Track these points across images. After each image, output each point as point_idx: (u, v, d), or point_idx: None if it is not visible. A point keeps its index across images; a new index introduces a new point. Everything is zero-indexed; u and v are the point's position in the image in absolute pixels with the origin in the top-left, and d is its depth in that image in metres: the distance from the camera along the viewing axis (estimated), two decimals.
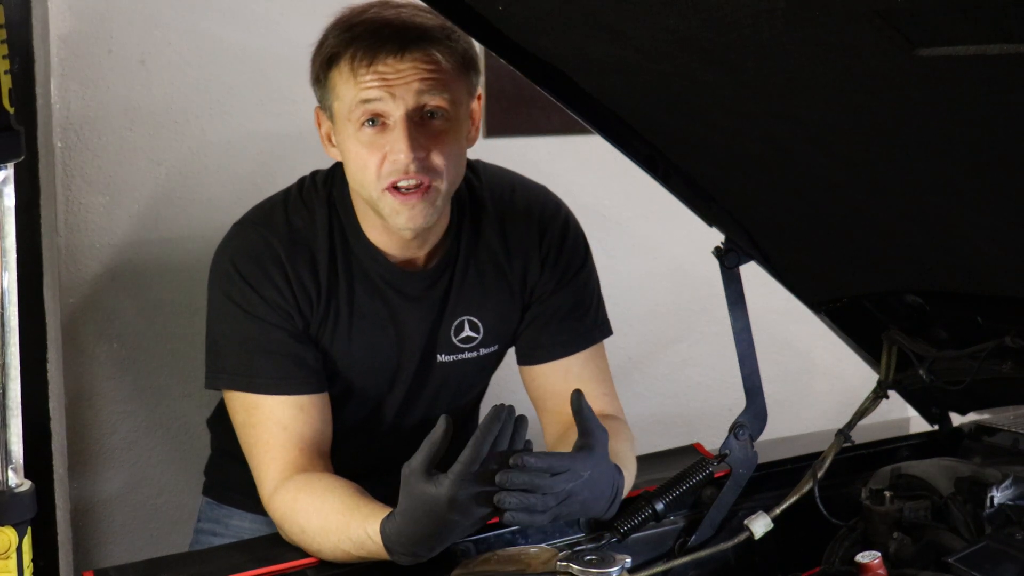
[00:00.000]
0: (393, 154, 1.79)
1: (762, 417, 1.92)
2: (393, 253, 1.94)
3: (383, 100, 1.78)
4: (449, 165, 1.83)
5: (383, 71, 1.78)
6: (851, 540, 1.93)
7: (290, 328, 1.89)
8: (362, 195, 1.87)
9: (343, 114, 1.83)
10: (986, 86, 1.22)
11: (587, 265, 2.07)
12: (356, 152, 1.83)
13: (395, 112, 1.79)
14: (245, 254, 1.90)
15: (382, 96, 1.78)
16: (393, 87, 1.78)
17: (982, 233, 1.63)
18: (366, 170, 1.82)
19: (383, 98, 1.78)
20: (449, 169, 1.83)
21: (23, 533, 1.42)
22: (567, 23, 1.46)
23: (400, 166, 1.79)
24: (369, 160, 1.81)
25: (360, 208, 1.92)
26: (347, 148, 1.85)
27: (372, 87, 1.78)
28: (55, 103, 2.53)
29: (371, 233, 1.93)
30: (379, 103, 1.79)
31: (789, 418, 3.23)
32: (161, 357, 2.72)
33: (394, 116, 1.79)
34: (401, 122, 1.79)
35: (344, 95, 1.81)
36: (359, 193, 1.88)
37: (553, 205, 2.06)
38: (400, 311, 1.96)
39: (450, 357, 2.02)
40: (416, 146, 1.79)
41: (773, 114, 1.49)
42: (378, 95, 1.78)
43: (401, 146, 1.78)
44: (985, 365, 1.85)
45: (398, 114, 1.79)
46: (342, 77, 1.81)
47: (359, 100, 1.79)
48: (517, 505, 1.58)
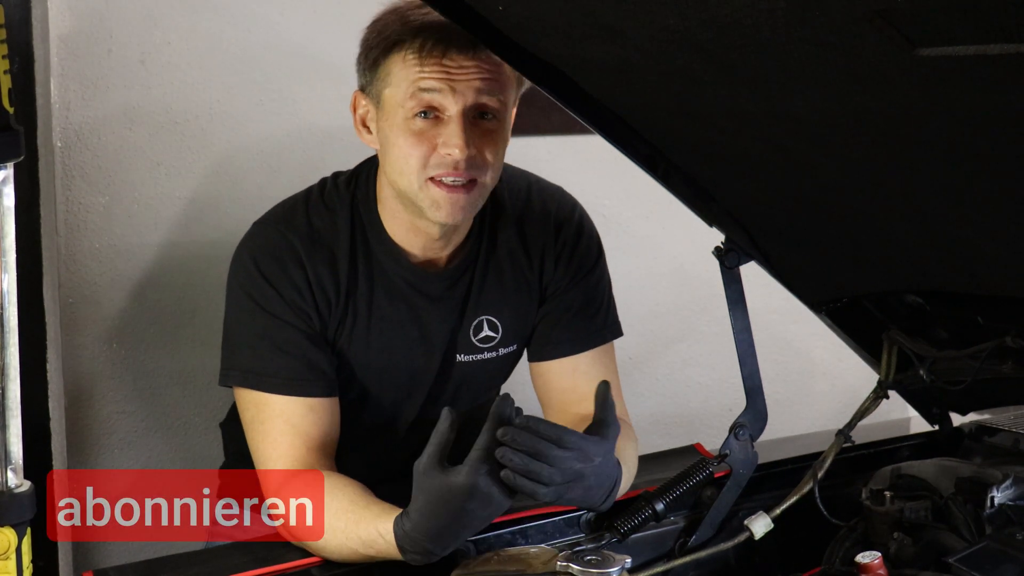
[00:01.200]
0: (446, 147, 1.79)
1: (762, 417, 1.92)
2: (415, 253, 1.94)
3: (442, 93, 1.78)
4: (496, 163, 1.85)
5: (449, 65, 1.78)
6: (851, 540, 1.93)
7: (307, 328, 1.89)
8: (399, 184, 1.85)
9: (395, 101, 1.82)
10: (986, 86, 1.22)
11: (600, 265, 2.08)
12: (404, 140, 1.82)
13: (452, 107, 1.79)
14: (266, 252, 1.90)
15: (442, 88, 1.78)
16: (455, 82, 1.78)
17: (982, 233, 1.63)
18: (409, 159, 1.81)
19: (443, 90, 1.78)
20: (495, 168, 1.85)
21: (23, 533, 1.42)
22: (567, 23, 1.46)
23: (451, 161, 1.80)
24: (415, 150, 1.81)
25: (387, 206, 1.92)
26: (392, 136, 1.84)
27: (434, 78, 1.78)
28: (55, 103, 2.53)
29: (395, 232, 1.93)
30: (437, 95, 1.79)
31: (789, 418, 3.23)
32: (161, 357, 2.72)
33: (450, 111, 1.79)
34: (457, 118, 1.79)
35: (401, 82, 1.81)
36: (395, 183, 1.86)
37: (569, 205, 2.08)
38: (422, 311, 1.97)
39: (470, 357, 2.03)
40: (470, 143, 1.79)
41: (773, 114, 1.49)
42: (438, 87, 1.78)
43: (457, 141, 1.78)
44: (985, 365, 1.85)
45: (455, 109, 1.79)
46: (404, 64, 1.80)
47: (418, 88, 1.79)
48: (520, 466, 1.57)
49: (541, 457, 1.58)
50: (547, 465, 1.59)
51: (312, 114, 2.74)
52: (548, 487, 1.60)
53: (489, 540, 1.79)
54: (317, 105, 2.72)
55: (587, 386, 2.02)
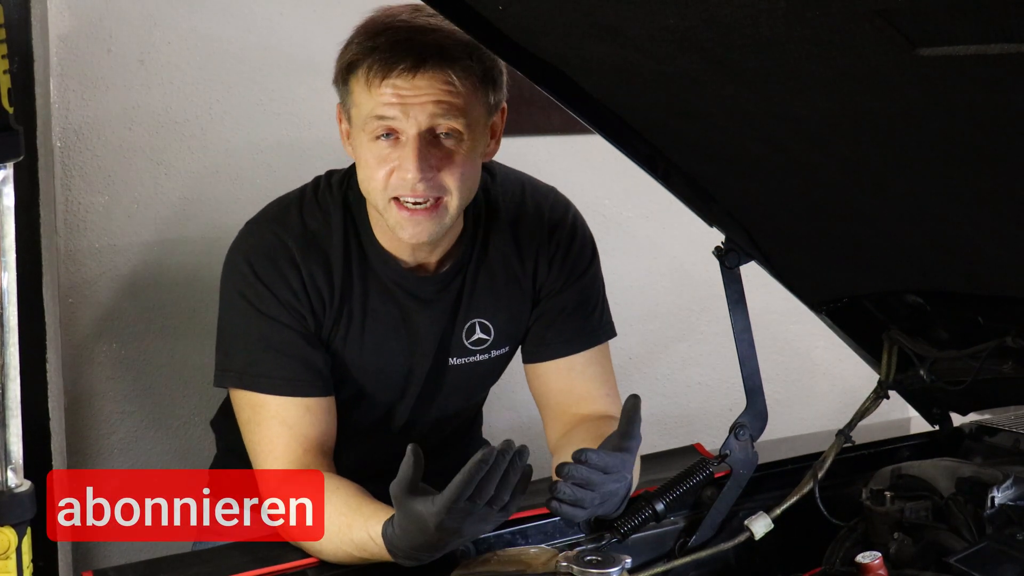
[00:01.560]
0: (401, 171, 1.80)
1: (762, 417, 1.92)
2: (404, 258, 1.94)
3: (397, 118, 1.79)
4: (460, 184, 1.83)
5: (399, 86, 1.78)
6: (852, 540, 1.93)
7: (302, 329, 1.89)
8: (370, 200, 1.88)
9: (359, 122, 1.83)
10: (986, 86, 1.22)
11: (593, 265, 2.07)
12: (366, 161, 1.83)
13: (408, 130, 1.79)
14: (260, 253, 1.90)
15: (396, 115, 1.78)
16: (408, 105, 1.78)
17: (982, 233, 1.63)
18: (374, 180, 1.83)
19: (397, 117, 1.78)
20: (460, 188, 1.84)
21: (23, 533, 1.42)
22: (567, 23, 1.46)
23: (407, 184, 1.80)
24: (377, 171, 1.82)
25: (372, 213, 1.93)
26: (359, 155, 1.85)
27: (388, 103, 1.78)
28: (55, 103, 2.53)
29: (382, 238, 1.93)
30: (393, 121, 1.79)
31: (789, 418, 3.23)
32: (161, 357, 2.72)
33: (407, 133, 1.79)
34: (412, 141, 1.79)
35: (361, 104, 1.81)
36: (367, 198, 1.88)
37: (562, 206, 2.07)
38: (413, 314, 1.97)
39: (461, 360, 2.03)
40: (425, 166, 1.79)
41: (773, 114, 1.49)
42: (393, 113, 1.78)
43: (409, 165, 1.79)
44: (986, 365, 1.85)
45: (411, 132, 1.79)
46: (359, 86, 1.81)
47: (375, 114, 1.79)
48: (570, 497, 1.63)
49: (589, 486, 1.64)
50: (590, 491, 1.64)
51: (311, 114, 2.74)
52: (586, 510, 1.66)
53: (489, 540, 1.79)
54: (316, 105, 2.72)
55: (584, 386, 2.02)
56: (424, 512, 1.58)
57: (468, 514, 1.58)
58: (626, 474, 1.69)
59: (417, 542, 1.62)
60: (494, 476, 1.56)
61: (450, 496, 1.55)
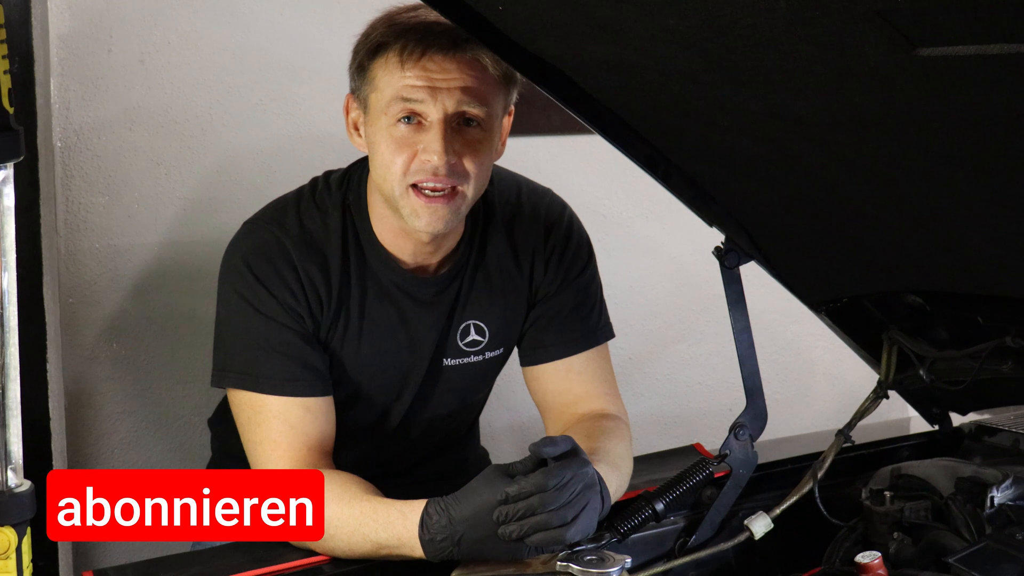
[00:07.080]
0: (426, 154, 1.79)
1: (762, 417, 1.92)
2: (405, 259, 1.94)
3: (424, 101, 1.78)
4: (478, 173, 1.84)
5: (431, 68, 1.77)
6: (851, 540, 1.93)
7: (300, 330, 1.89)
8: (384, 189, 1.86)
9: (379, 106, 1.82)
10: (986, 86, 1.22)
11: (590, 266, 2.07)
12: (387, 146, 1.82)
13: (433, 114, 1.79)
14: (258, 253, 1.90)
15: (423, 97, 1.78)
16: (436, 89, 1.77)
17: (982, 233, 1.63)
18: (392, 165, 1.82)
19: (424, 100, 1.78)
20: (478, 177, 1.84)
21: (23, 533, 1.42)
22: (567, 23, 1.46)
23: (430, 167, 1.79)
24: (397, 156, 1.81)
25: (377, 211, 1.92)
26: (377, 141, 1.84)
27: (414, 85, 1.78)
28: (55, 103, 2.53)
29: (385, 237, 1.93)
30: (418, 104, 1.79)
31: (789, 418, 3.23)
32: (161, 357, 2.72)
33: (431, 117, 1.79)
34: (438, 124, 1.79)
35: (384, 87, 1.81)
36: (380, 188, 1.87)
37: (558, 208, 2.07)
38: (410, 315, 1.97)
39: (456, 361, 2.03)
40: (450, 150, 1.79)
41: (773, 114, 1.49)
42: (420, 96, 1.78)
43: (436, 147, 1.78)
44: (985, 365, 1.85)
45: (436, 116, 1.79)
46: (386, 68, 1.80)
47: (399, 96, 1.79)
48: (525, 530, 1.59)
49: (537, 510, 1.59)
50: (553, 510, 1.59)
51: (312, 114, 2.74)
52: (568, 526, 1.61)
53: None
54: (316, 105, 2.73)
55: (582, 387, 2.02)
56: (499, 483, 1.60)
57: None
58: (586, 468, 1.64)
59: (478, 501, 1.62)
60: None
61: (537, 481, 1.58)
